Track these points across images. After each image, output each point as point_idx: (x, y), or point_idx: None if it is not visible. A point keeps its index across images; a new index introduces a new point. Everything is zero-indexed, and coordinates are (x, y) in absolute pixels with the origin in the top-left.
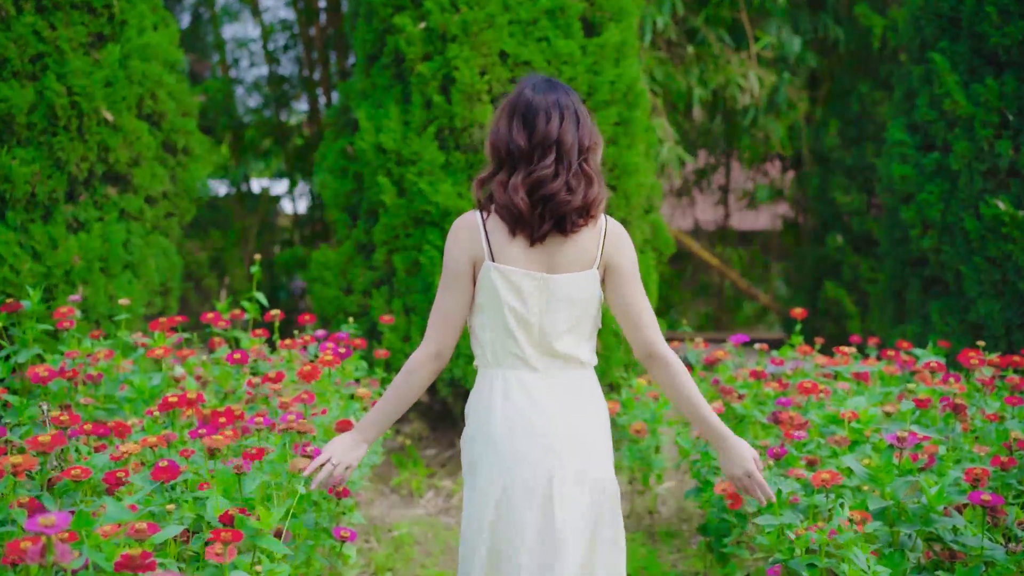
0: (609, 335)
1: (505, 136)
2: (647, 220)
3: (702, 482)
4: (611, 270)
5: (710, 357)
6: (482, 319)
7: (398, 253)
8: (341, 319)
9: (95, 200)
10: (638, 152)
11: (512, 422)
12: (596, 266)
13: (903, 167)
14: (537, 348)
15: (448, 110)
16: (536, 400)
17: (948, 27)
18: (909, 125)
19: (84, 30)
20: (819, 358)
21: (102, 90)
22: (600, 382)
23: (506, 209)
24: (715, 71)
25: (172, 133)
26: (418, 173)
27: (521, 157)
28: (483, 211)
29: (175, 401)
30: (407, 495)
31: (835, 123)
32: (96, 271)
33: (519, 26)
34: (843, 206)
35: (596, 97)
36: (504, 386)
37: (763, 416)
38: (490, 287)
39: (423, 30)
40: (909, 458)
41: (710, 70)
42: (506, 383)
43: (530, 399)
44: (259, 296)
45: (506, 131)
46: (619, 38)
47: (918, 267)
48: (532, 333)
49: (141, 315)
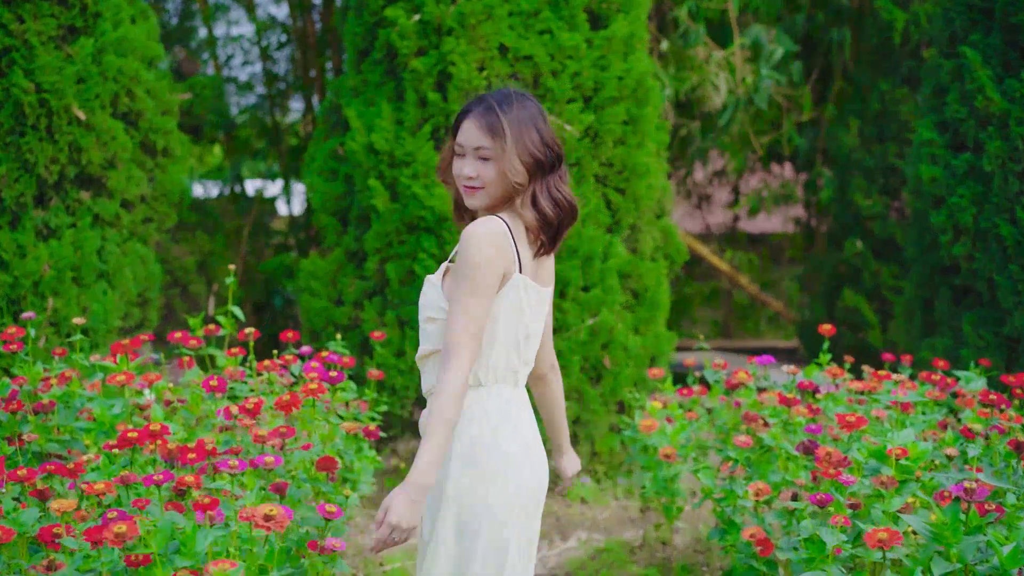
0: (618, 349)
1: (551, 140)
2: (658, 226)
3: (726, 522)
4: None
5: (732, 380)
6: (493, 333)
7: (391, 262)
8: (330, 332)
9: (67, 205)
10: (648, 152)
11: (527, 444)
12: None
13: (932, 168)
14: (526, 364)
15: (444, 108)
16: (531, 419)
17: (980, 19)
18: (938, 123)
19: (54, 22)
20: (854, 383)
21: (73, 87)
22: (608, 400)
23: (544, 218)
24: (690, 70)
25: (150, 133)
26: (412, 176)
27: (556, 165)
28: (501, 218)
29: (135, 436)
30: None
31: (854, 122)
32: (67, 281)
33: (519, 18)
34: (863, 209)
35: (603, 93)
36: (506, 406)
37: (792, 446)
38: (515, 299)
39: (417, 23)
40: (976, 510)
41: (686, 68)
42: (508, 402)
43: (530, 417)
44: (235, 310)
45: (550, 136)
46: (627, 30)
47: (948, 275)
48: (530, 348)
49: (117, 328)
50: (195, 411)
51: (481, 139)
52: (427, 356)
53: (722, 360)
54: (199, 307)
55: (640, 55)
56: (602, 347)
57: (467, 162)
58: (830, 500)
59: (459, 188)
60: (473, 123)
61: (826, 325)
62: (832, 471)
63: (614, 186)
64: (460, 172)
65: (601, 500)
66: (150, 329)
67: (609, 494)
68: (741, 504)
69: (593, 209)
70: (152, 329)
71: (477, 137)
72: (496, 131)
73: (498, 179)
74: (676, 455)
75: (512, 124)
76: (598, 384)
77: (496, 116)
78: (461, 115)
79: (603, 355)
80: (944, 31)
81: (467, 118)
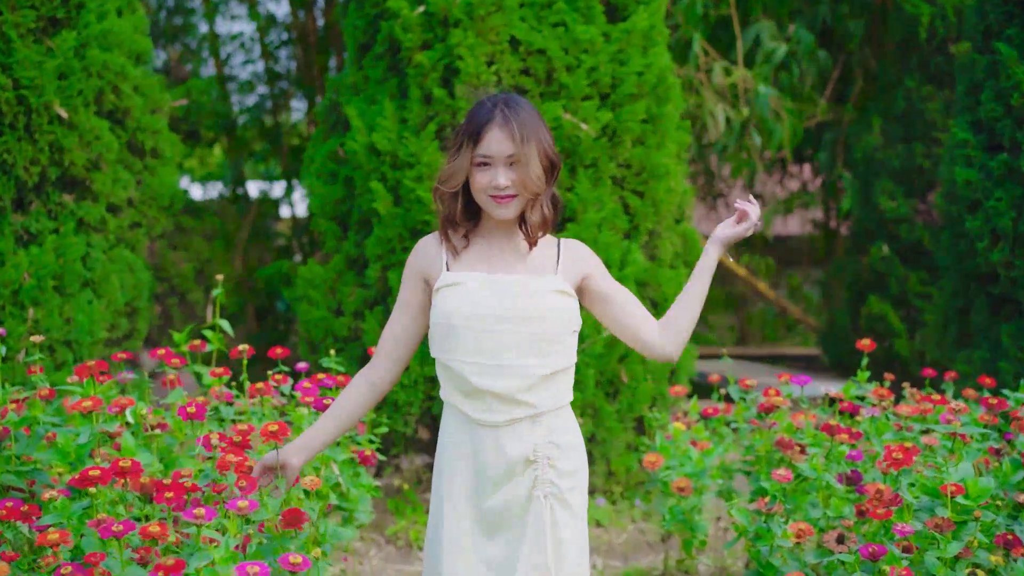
0: (635, 363)
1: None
2: (677, 231)
3: (762, 565)
4: None
5: (766, 404)
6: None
7: (394, 269)
8: (329, 344)
9: (48, 209)
10: (669, 153)
11: None
12: None
13: (967, 171)
14: None
15: (450, 105)
16: None
17: (1017, 12)
18: (973, 123)
19: (33, 14)
20: (902, 407)
21: (54, 83)
22: (625, 416)
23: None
24: (687, 90)
25: (138, 132)
26: (416, 178)
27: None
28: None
29: (97, 475)
30: (404, 547)
31: (877, 121)
32: (49, 290)
33: (532, 9)
34: (888, 212)
35: (621, 90)
36: None
37: (834, 477)
38: None
39: (422, 14)
40: None
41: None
42: None
43: None
44: (223, 324)
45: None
46: (647, 23)
47: (985, 284)
48: None
49: (103, 340)
50: (179, 436)
51: (511, 147)
52: (559, 372)
53: (744, 373)
54: (197, 315)
55: (660, 49)
56: (619, 360)
57: (499, 172)
58: (884, 552)
59: (484, 200)
60: (500, 132)
61: (865, 340)
62: (882, 511)
63: (632, 189)
64: (491, 183)
65: (618, 523)
66: (139, 340)
67: (626, 517)
68: (779, 544)
69: (610, 214)
70: (142, 341)
71: (508, 145)
72: (522, 137)
73: (526, 186)
74: (691, 488)
75: (531, 129)
76: (615, 400)
77: (521, 122)
78: (480, 124)
79: (620, 369)
80: (978, 26)
81: (491, 127)
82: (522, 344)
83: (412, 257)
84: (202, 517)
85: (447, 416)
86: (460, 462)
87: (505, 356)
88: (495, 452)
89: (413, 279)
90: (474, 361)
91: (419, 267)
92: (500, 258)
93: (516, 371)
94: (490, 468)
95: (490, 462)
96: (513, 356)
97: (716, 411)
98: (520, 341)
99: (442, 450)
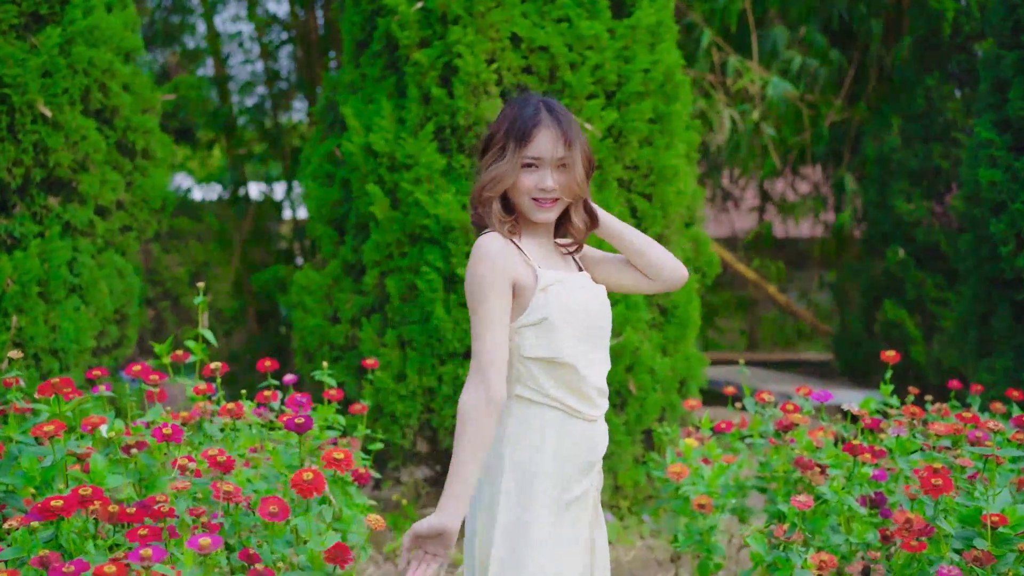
0: (644, 372)
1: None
2: (687, 235)
3: None
4: None
5: (784, 422)
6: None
7: (391, 276)
8: (325, 352)
9: (33, 212)
10: (678, 153)
11: None
12: None
13: (992, 172)
14: None
15: (450, 105)
16: None
17: None
18: (998, 122)
19: (15, 9)
20: (934, 425)
21: (38, 80)
22: (633, 428)
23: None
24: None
25: (128, 132)
26: (414, 180)
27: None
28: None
29: (59, 506)
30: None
31: (896, 120)
32: (33, 296)
33: (534, 4)
34: (905, 214)
35: (627, 88)
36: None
37: (856, 499)
38: None
39: (420, 11)
40: None
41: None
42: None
43: None
44: (207, 334)
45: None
46: (654, 18)
47: (1009, 289)
48: None
49: (91, 348)
50: (158, 456)
51: (563, 150)
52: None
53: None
54: (191, 320)
55: (668, 46)
56: (626, 370)
57: (547, 174)
58: None
59: (526, 202)
60: (550, 133)
61: (890, 352)
62: (914, 543)
63: (639, 191)
64: (538, 185)
65: (625, 539)
66: (129, 348)
67: (634, 533)
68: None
69: (616, 217)
70: (132, 348)
71: (559, 148)
72: (570, 140)
73: (571, 189)
74: (712, 505)
75: (576, 131)
76: (622, 411)
77: (568, 123)
78: (529, 125)
79: (627, 379)
80: (1005, 20)
81: (540, 128)
82: (605, 339)
83: (499, 261)
84: (148, 558)
85: (531, 417)
86: (553, 460)
87: (600, 351)
88: (588, 447)
89: (503, 283)
90: (585, 355)
91: (509, 270)
92: (553, 258)
93: (605, 365)
94: (581, 461)
95: (582, 457)
96: (603, 351)
97: (730, 426)
98: (604, 336)
99: (532, 452)
